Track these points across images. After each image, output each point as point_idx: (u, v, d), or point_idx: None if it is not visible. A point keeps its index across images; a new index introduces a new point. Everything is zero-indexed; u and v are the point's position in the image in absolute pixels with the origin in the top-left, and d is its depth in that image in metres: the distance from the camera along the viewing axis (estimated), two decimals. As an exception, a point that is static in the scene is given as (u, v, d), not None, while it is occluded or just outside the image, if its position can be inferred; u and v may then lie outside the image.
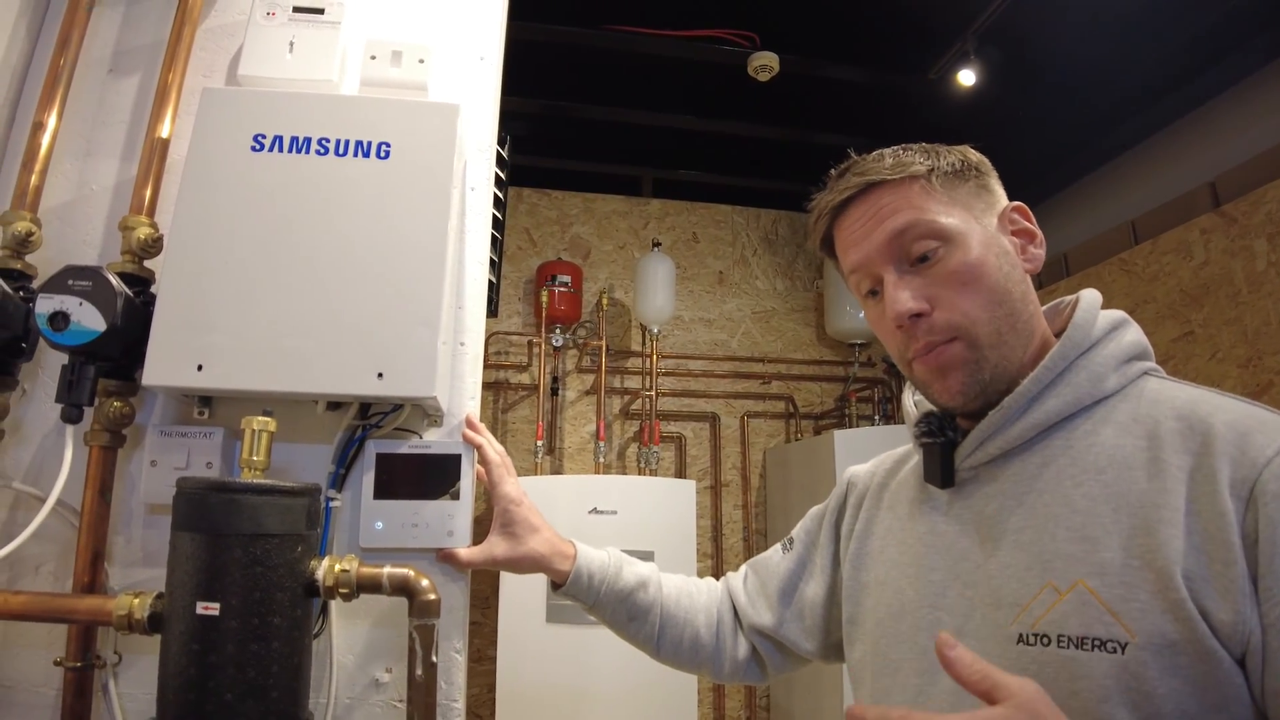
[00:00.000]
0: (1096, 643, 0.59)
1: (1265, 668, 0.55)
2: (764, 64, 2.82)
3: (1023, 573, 0.67)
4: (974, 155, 0.81)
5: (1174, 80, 2.72)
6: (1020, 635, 0.64)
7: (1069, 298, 0.81)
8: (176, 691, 0.81)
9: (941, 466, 0.78)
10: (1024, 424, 0.72)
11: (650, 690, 2.46)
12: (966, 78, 2.71)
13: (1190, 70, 2.66)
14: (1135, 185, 3.05)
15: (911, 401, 0.89)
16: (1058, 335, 0.76)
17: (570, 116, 3.35)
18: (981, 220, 0.77)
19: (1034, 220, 0.80)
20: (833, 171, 0.83)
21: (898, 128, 0.84)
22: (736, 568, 1.17)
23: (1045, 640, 0.62)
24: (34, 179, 1.07)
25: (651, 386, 3.39)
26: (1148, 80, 2.74)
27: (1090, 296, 0.77)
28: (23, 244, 1.03)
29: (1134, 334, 0.75)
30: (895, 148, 0.81)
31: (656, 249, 3.47)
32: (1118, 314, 0.76)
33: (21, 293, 0.99)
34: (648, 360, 3.43)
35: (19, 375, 1.05)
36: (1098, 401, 0.71)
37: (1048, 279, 3.14)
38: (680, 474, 3.54)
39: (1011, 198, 0.82)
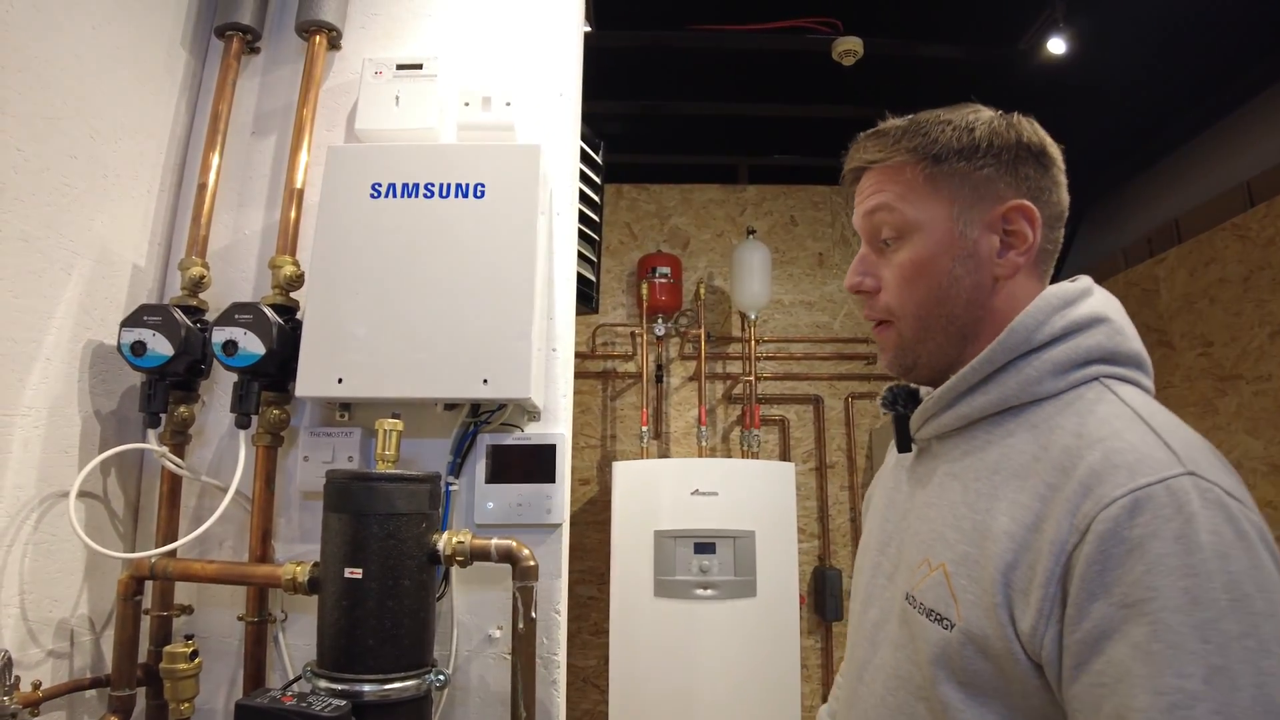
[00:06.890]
0: (936, 616, 0.68)
1: (1062, 684, 0.60)
2: (848, 49, 2.85)
3: (918, 543, 0.76)
4: (1003, 138, 0.75)
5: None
6: (907, 594, 0.74)
7: (1072, 287, 0.75)
8: (331, 639, 1.03)
9: (897, 434, 0.86)
10: (952, 414, 0.76)
11: (754, 660, 2.59)
12: (1056, 46, 2.67)
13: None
14: (1251, 142, 2.89)
15: None
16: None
17: (664, 114, 3.47)
18: (962, 214, 0.75)
19: (1036, 225, 0.74)
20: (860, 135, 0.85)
21: (989, 102, 0.81)
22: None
23: (914, 603, 0.72)
24: (202, 230, 1.32)
25: (751, 371, 3.49)
26: (1269, 25, 2.55)
27: (1047, 296, 0.73)
28: (197, 285, 1.27)
29: (1101, 337, 0.71)
30: (910, 117, 0.80)
31: (751, 237, 3.55)
32: (1095, 311, 0.72)
33: (199, 325, 1.23)
34: (747, 346, 3.53)
35: (200, 390, 1.30)
36: (1034, 402, 0.71)
37: (1159, 246, 3.02)
38: (784, 456, 3.61)
39: (1113, 164, 0.75)
